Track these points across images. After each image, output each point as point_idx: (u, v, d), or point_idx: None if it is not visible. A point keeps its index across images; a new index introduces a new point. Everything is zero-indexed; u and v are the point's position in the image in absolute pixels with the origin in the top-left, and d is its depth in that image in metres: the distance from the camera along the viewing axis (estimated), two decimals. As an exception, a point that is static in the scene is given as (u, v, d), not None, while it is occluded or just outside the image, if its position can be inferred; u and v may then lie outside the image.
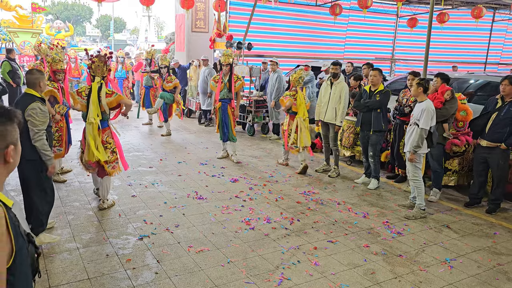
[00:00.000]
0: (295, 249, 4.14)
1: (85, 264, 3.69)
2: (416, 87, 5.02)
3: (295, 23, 13.58)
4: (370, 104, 5.86)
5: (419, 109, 4.99)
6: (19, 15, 17.86)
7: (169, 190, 5.69)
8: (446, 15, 13.06)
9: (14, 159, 1.47)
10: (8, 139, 1.44)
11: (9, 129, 1.45)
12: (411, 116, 5.23)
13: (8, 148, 1.44)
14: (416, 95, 5.08)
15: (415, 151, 4.98)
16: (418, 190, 5.11)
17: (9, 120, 1.45)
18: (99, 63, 4.90)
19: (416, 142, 4.93)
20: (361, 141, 6.25)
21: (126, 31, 71.26)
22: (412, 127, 5.08)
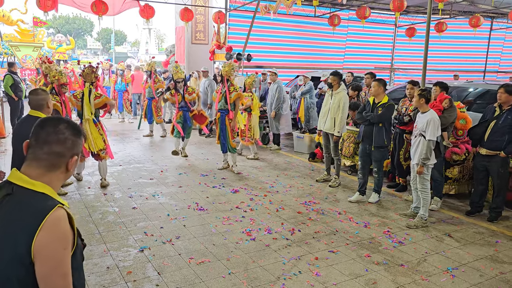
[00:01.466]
0: (296, 259, 4.13)
1: (86, 276, 3.68)
2: (418, 98, 5.01)
3: (294, 34, 13.70)
4: (371, 117, 5.64)
5: (423, 120, 4.96)
6: (21, 29, 18.02)
7: (169, 201, 5.70)
8: (444, 25, 13.16)
9: (73, 169, 1.61)
10: (75, 150, 1.58)
11: (78, 141, 1.60)
12: (414, 127, 5.21)
13: (73, 158, 1.57)
14: (419, 106, 5.06)
15: (424, 163, 4.95)
16: (425, 201, 5.07)
17: (79, 133, 1.60)
18: (88, 72, 5.98)
19: (424, 154, 4.90)
20: (361, 155, 5.97)
21: (127, 44, 71.82)
22: (417, 138, 5.05)
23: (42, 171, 1.51)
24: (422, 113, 5.06)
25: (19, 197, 1.44)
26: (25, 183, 1.46)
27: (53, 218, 1.40)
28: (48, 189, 1.50)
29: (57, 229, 1.41)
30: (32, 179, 1.48)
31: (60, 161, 1.54)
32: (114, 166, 7.43)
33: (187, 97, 8.07)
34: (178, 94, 7.75)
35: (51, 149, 1.52)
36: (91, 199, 5.69)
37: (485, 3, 12.71)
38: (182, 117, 7.93)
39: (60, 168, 1.55)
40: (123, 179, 6.68)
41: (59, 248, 1.41)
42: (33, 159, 1.51)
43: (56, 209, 1.43)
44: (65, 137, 1.54)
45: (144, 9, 9.94)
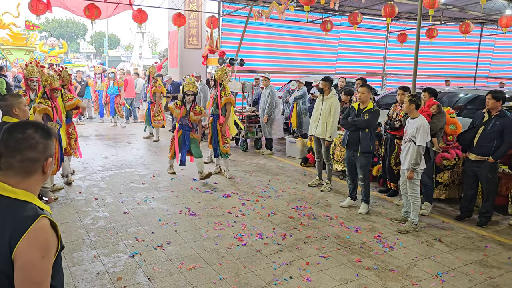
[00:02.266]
0: (287, 264, 4.14)
1: (76, 283, 3.66)
2: (408, 104, 5.04)
3: (287, 39, 13.77)
4: (357, 123, 5.62)
5: (413, 125, 5.00)
6: (13, 32, 17.91)
7: (161, 206, 5.68)
8: (435, 31, 13.29)
9: (49, 172, 1.61)
10: (48, 152, 1.57)
11: (50, 143, 1.58)
12: (404, 132, 5.25)
13: (47, 160, 1.57)
14: (409, 111, 5.10)
15: (414, 168, 4.98)
16: (415, 205, 5.10)
17: (49, 135, 1.59)
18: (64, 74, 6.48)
19: (414, 160, 4.94)
20: (347, 161, 5.92)
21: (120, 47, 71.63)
22: (407, 144, 5.09)
23: (19, 178, 1.51)
24: (412, 118, 5.10)
25: (1, 206, 1.45)
26: (7, 192, 1.47)
27: (36, 228, 1.42)
28: (30, 196, 1.51)
29: (38, 239, 1.42)
30: (12, 187, 1.48)
31: (35, 166, 1.53)
32: (106, 171, 7.40)
33: (192, 116, 6.76)
34: (184, 108, 6.88)
35: (24, 156, 1.50)
36: (82, 204, 5.66)
37: (475, 10, 12.87)
38: (181, 137, 6.93)
39: (37, 173, 1.55)
40: (114, 184, 6.65)
41: (37, 257, 1.41)
42: (7, 168, 1.51)
43: (40, 219, 1.44)
44: (36, 141, 1.53)
45: (137, 13, 9.93)
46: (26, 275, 1.40)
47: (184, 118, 6.85)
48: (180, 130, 6.92)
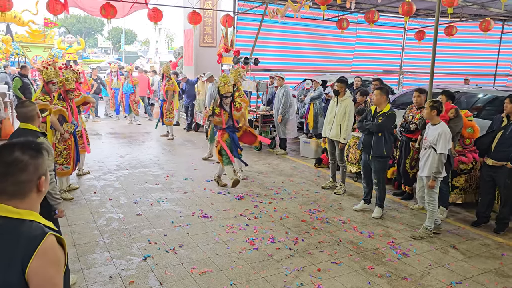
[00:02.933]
0: (298, 270, 4.12)
1: (89, 286, 3.72)
2: (429, 110, 4.90)
3: (302, 37, 13.65)
4: (370, 127, 5.53)
5: (434, 132, 4.86)
6: (32, 30, 18.20)
7: (174, 208, 5.72)
8: (454, 28, 13.00)
9: (45, 188, 1.61)
10: (40, 171, 1.56)
11: (40, 162, 1.57)
12: (424, 139, 5.10)
13: (40, 179, 1.56)
14: (430, 118, 4.95)
15: (436, 177, 4.84)
16: (431, 212, 4.99)
17: (39, 153, 1.58)
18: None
19: (436, 168, 4.81)
20: (362, 164, 5.86)
21: (137, 43, 72.21)
22: (427, 151, 4.95)
23: (16, 201, 1.52)
24: (432, 125, 4.97)
25: (8, 227, 1.48)
26: (12, 214, 1.49)
27: (45, 246, 1.45)
28: (34, 215, 1.53)
29: (50, 256, 1.46)
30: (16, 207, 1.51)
31: (29, 186, 1.54)
32: (121, 170, 7.48)
33: (236, 114, 6.54)
34: (225, 112, 6.48)
35: (16, 179, 1.50)
36: (96, 205, 5.73)
37: (496, 7, 12.54)
38: (229, 139, 6.55)
39: (32, 192, 1.55)
40: (129, 184, 6.71)
41: (53, 273, 1.46)
42: (2, 193, 1.51)
43: (47, 237, 1.47)
44: (25, 164, 1.51)
45: (153, 12, 9.97)
46: None
47: (229, 121, 6.56)
48: (226, 133, 6.55)
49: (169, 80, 10.36)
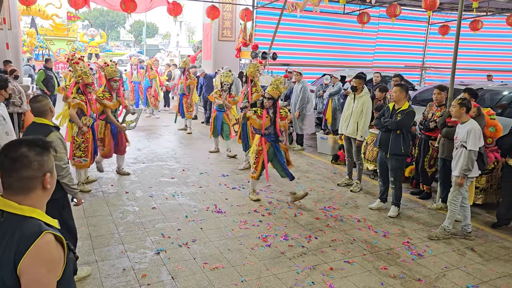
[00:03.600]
0: (310, 269, 4.09)
1: (102, 278, 3.78)
2: (458, 107, 4.75)
3: (322, 32, 13.50)
4: (388, 124, 5.42)
5: (463, 130, 4.73)
6: (56, 23, 18.58)
7: (189, 202, 5.75)
8: (480, 23, 12.65)
9: (51, 185, 1.64)
10: (45, 168, 1.59)
11: (45, 159, 1.60)
12: (455, 139, 4.92)
13: (45, 176, 1.59)
14: (459, 116, 4.80)
15: (465, 175, 4.70)
16: (452, 212, 4.84)
17: (46, 150, 1.61)
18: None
19: (466, 166, 4.65)
20: (379, 162, 5.75)
21: (159, 36, 72.75)
22: (459, 150, 4.81)
23: (21, 196, 1.55)
24: (462, 123, 4.82)
25: (8, 224, 1.51)
26: (14, 209, 1.53)
27: (38, 245, 1.46)
28: (36, 212, 1.55)
29: (41, 255, 1.46)
30: (20, 203, 1.53)
31: (33, 183, 1.57)
32: (138, 164, 7.57)
33: (280, 122, 5.75)
34: (268, 115, 5.71)
35: (20, 175, 1.54)
36: (112, 197, 5.82)
37: (524, 0, 12.12)
38: (270, 151, 5.82)
39: (37, 189, 1.58)
40: (145, 177, 6.79)
41: (40, 272, 1.46)
42: (7, 188, 1.55)
43: (43, 236, 1.48)
44: (29, 160, 1.55)
45: (172, 6, 10.01)
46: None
47: (270, 127, 5.76)
48: (268, 142, 5.80)
49: (189, 74, 10.41)
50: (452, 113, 4.92)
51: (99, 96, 6.30)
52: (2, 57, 9.83)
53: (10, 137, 4.57)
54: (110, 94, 6.40)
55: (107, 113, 6.36)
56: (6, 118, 4.57)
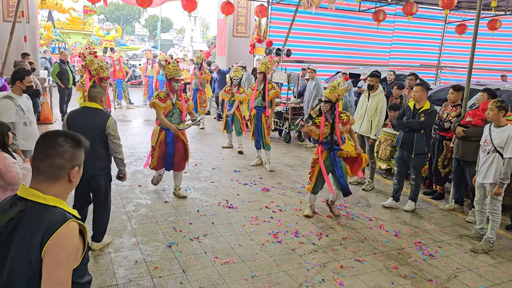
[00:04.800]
0: (320, 266, 4.10)
1: (115, 269, 3.84)
2: (497, 111, 4.49)
3: (336, 29, 13.40)
4: (412, 124, 5.43)
5: (501, 135, 4.47)
6: (72, 17, 18.78)
7: (201, 197, 5.79)
8: (498, 22, 12.42)
9: (76, 180, 1.70)
10: (74, 161, 1.66)
11: (78, 153, 1.68)
12: (484, 142, 4.69)
13: (73, 168, 1.66)
14: (496, 119, 4.54)
15: (503, 183, 4.46)
16: (494, 223, 4.61)
17: (78, 145, 1.68)
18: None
19: (504, 174, 4.42)
20: (398, 161, 5.79)
21: (173, 31, 73.00)
22: (490, 155, 4.55)
23: (48, 183, 1.62)
24: (497, 126, 4.57)
25: (34, 212, 1.57)
26: (38, 198, 1.59)
27: (63, 230, 1.53)
28: (59, 202, 1.62)
29: (64, 240, 1.54)
30: (43, 193, 1.59)
31: (61, 172, 1.63)
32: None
33: (340, 128, 5.12)
34: (327, 123, 5.08)
35: (52, 161, 1.61)
36: (126, 190, 5.89)
37: (545, 0, 11.87)
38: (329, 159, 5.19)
39: (63, 179, 1.64)
40: (158, 171, 6.84)
41: (63, 255, 1.53)
42: (37, 173, 1.63)
43: (68, 223, 1.55)
44: (63, 149, 1.63)
45: (187, 2, 10.03)
46: (49, 270, 1.51)
47: (329, 136, 5.10)
48: (325, 151, 5.17)
49: (204, 69, 10.44)
50: (489, 116, 4.63)
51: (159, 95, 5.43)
52: (20, 49, 9.99)
53: (28, 128, 4.66)
54: (166, 94, 5.44)
55: (157, 114, 5.40)
56: (25, 109, 4.65)
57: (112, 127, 3.96)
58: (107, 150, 4.02)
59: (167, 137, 5.52)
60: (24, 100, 4.70)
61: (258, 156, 7.57)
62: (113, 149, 4.01)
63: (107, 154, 4.04)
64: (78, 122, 3.88)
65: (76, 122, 3.91)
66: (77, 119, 3.93)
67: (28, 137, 4.61)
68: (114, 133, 3.97)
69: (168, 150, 5.54)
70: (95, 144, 3.85)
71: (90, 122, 3.91)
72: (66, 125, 3.93)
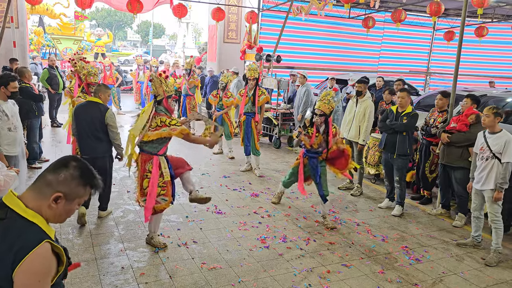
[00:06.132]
0: (307, 271, 4.12)
1: (101, 276, 3.82)
2: (493, 117, 4.49)
3: (326, 35, 13.53)
4: (396, 126, 5.60)
5: (499, 141, 4.48)
6: (63, 22, 18.73)
7: (189, 202, 5.76)
8: (485, 29, 12.62)
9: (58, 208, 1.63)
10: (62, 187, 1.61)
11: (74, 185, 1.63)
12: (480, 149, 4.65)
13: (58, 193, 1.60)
14: (493, 125, 4.54)
15: (502, 188, 4.45)
16: (498, 230, 4.56)
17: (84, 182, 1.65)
18: None
19: (502, 179, 4.44)
20: (384, 163, 5.99)
21: (166, 37, 73.03)
22: (489, 161, 4.53)
23: (35, 195, 1.59)
24: (492, 133, 4.57)
25: (10, 224, 1.53)
26: (19, 210, 1.55)
27: (36, 253, 1.49)
28: (38, 219, 1.56)
29: (36, 264, 1.49)
30: (27, 203, 1.56)
31: (46, 189, 1.58)
32: (140, 163, 7.60)
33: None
34: (318, 134, 5.16)
35: (46, 174, 1.60)
36: (114, 196, 5.85)
37: (530, 8, 12.10)
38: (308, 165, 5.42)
39: (47, 198, 1.58)
40: (147, 177, 6.82)
41: (32, 281, 1.49)
42: (36, 180, 1.62)
43: (43, 245, 1.51)
44: (61, 170, 1.60)
45: (177, 8, 10.08)
46: None
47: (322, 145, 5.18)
48: (306, 157, 5.38)
49: (193, 75, 10.44)
50: (485, 123, 4.60)
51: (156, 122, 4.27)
52: (9, 55, 9.95)
53: (13, 133, 4.63)
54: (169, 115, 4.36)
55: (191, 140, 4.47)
56: (9, 115, 4.62)
57: (110, 118, 4.76)
58: (108, 136, 4.82)
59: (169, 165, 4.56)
60: (9, 105, 4.67)
61: (248, 161, 7.58)
62: (112, 137, 4.84)
63: (107, 140, 4.83)
64: (82, 113, 4.77)
65: (81, 113, 4.79)
66: (82, 111, 4.80)
67: (12, 142, 4.58)
68: (112, 123, 4.77)
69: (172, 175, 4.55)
70: (97, 132, 4.74)
71: (92, 113, 4.75)
72: (74, 115, 4.86)
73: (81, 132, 4.80)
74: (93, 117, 4.72)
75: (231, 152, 8.38)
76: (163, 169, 4.31)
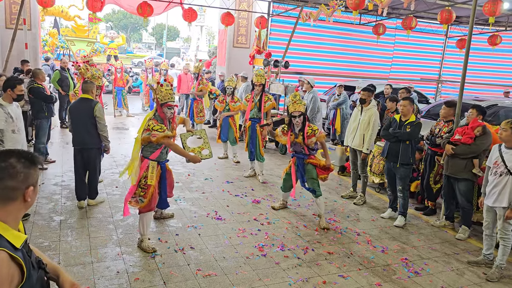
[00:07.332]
0: (303, 281, 4.08)
1: (96, 280, 3.83)
2: (510, 132, 4.24)
3: (336, 41, 13.48)
4: (399, 135, 5.56)
5: None
6: (77, 24, 19.00)
7: (190, 208, 5.79)
8: (499, 38, 12.43)
9: (32, 199, 1.63)
10: (29, 181, 1.60)
11: (32, 172, 1.61)
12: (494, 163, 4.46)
13: (28, 188, 1.60)
14: (509, 140, 4.29)
15: None
16: (506, 248, 4.39)
17: (33, 164, 1.62)
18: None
19: None
20: (386, 172, 5.92)
21: (180, 39, 73.58)
22: (503, 177, 4.29)
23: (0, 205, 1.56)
24: (509, 148, 4.30)
25: None
26: None
27: None
28: (2, 227, 1.54)
29: None
30: None
31: (14, 194, 1.57)
32: (145, 166, 7.64)
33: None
34: (292, 133, 5.51)
35: (4, 184, 1.54)
36: (116, 199, 5.90)
37: (545, 17, 11.89)
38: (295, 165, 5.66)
39: (17, 200, 1.58)
40: (150, 180, 6.85)
41: None
42: None
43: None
44: (16, 171, 1.56)
45: (187, 12, 10.14)
46: None
47: (296, 145, 5.55)
48: (294, 157, 5.67)
49: (202, 79, 10.49)
50: (501, 137, 4.38)
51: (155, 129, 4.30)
52: (21, 56, 10.11)
53: (16, 135, 4.70)
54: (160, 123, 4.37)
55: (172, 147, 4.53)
56: (14, 117, 4.70)
57: (98, 111, 5.23)
58: (97, 129, 5.27)
59: (162, 170, 4.69)
60: (13, 108, 4.75)
61: (252, 167, 7.57)
62: (99, 128, 5.28)
63: (96, 133, 5.28)
64: (75, 110, 5.33)
65: (74, 109, 5.36)
66: (75, 108, 5.36)
67: (15, 144, 4.66)
68: (99, 115, 5.23)
69: (163, 186, 4.71)
70: (88, 125, 5.23)
71: (83, 108, 5.26)
72: (69, 112, 5.46)
73: (75, 127, 5.37)
74: (85, 112, 5.25)
75: (236, 157, 8.38)
76: (149, 173, 4.44)
